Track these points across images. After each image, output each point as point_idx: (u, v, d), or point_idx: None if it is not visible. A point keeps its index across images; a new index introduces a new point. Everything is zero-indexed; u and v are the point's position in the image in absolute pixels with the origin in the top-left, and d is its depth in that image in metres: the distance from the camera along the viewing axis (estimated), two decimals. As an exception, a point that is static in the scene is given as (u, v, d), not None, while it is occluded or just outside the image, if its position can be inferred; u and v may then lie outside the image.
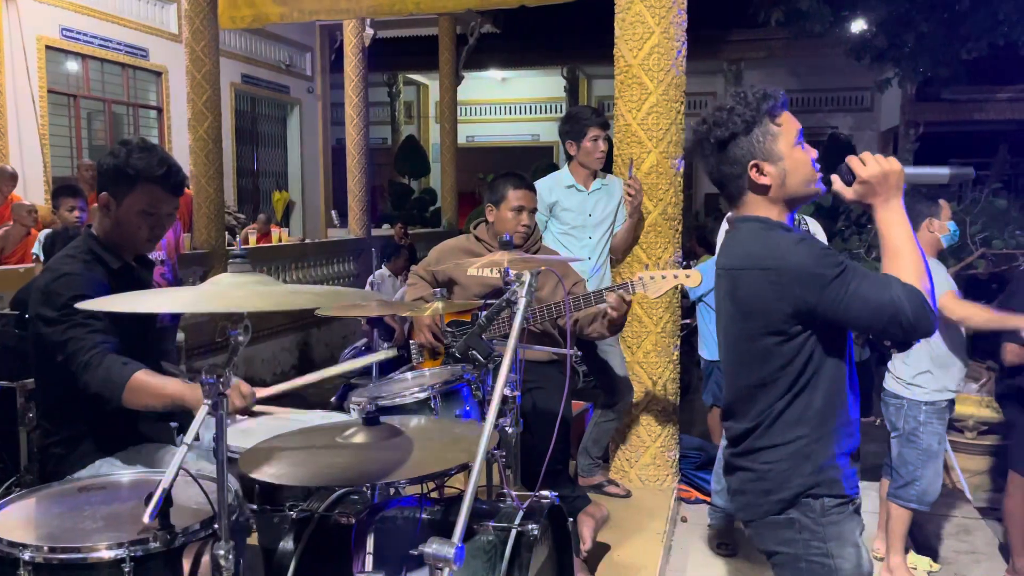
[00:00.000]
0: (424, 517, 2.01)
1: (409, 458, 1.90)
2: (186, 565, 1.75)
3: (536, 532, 1.90)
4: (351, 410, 2.60)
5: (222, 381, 1.62)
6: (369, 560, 1.96)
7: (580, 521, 3.22)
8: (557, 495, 2.09)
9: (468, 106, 19.08)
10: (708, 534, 3.91)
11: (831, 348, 1.79)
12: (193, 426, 1.73)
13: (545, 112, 19.76)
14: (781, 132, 1.82)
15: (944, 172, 1.84)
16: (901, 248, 1.74)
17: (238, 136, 12.93)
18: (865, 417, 1.84)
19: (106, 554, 1.67)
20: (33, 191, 8.56)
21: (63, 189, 5.39)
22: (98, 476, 2.19)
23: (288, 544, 1.99)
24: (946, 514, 4.36)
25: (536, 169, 10.75)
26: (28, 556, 1.66)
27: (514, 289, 1.98)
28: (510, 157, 15.36)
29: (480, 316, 2.42)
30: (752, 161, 1.81)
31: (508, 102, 20.18)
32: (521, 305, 1.89)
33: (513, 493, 2.05)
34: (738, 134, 1.81)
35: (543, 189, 3.97)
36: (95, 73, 10.19)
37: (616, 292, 3.02)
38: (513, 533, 1.89)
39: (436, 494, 2.22)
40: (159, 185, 2.36)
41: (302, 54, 14.58)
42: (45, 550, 1.68)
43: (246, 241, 10.09)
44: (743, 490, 1.92)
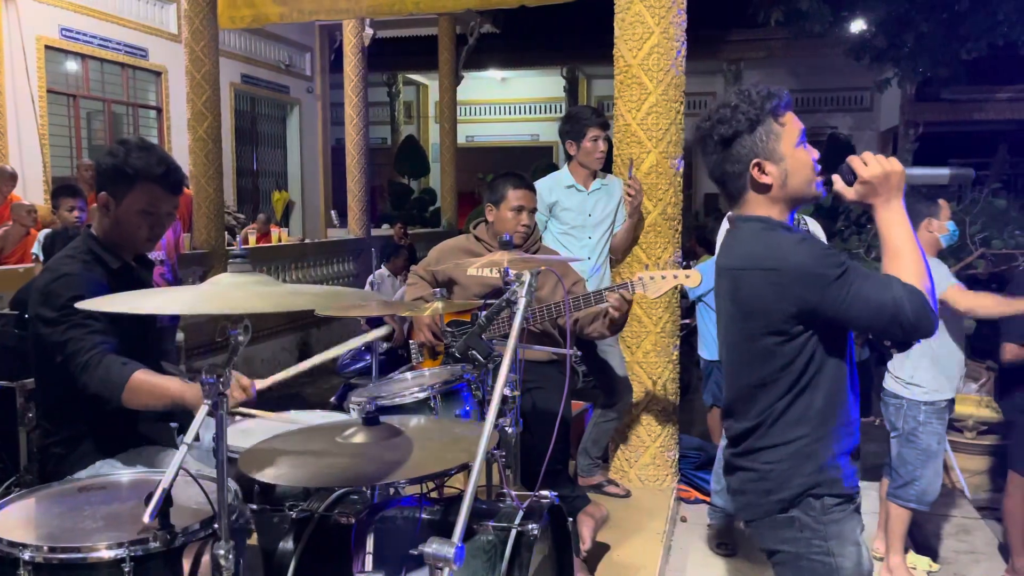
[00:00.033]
0: (424, 517, 2.01)
1: (409, 458, 1.90)
2: (186, 565, 1.75)
3: (536, 532, 1.91)
4: (351, 410, 2.60)
5: (222, 381, 1.62)
6: (369, 560, 1.96)
7: (580, 521, 3.22)
8: (557, 495, 2.10)
9: (468, 106, 19.08)
10: (708, 534, 3.91)
11: (832, 348, 1.79)
12: (193, 426, 1.73)
13: (545, 112, 19.77)
14: (784, 132, 1.81)
15: (944, 173, 1.84)
16: (902, 248, 1.74)
17: (238, 136, 12.93)
18: (865, 417, 1.84)
19: (106, 554, 1.67)
20: (32, 191, 8.56)
21: (62, 189, 5.39)
22: (98, 476, 2.19)
23: (288, 544, 1.99)
24: (945, 514, 4.36)
25: (536, 169, 10.74)
26: (28, 556, 1.66)
27: (514, 289, 1.98)
28: (510, 157, 15.35)
29: (480, 316, 2.42)
30: (754, 160, 1.81)
31: (508, 102, 20.18)
32: (521, 305, 1.89)
33: (513, 493, 2.05)
34: (742, 132, 1.81)
35: (543, 189, 3.97)
36: (95, 73, 10.19)
37: (616, 292, 3.03)
38: (513, 533, 1.89)
39: (436, 494, 2.22)
40: (158, 184, 2.35)
41: (302, 54, 14.58)
42: (45, 550, 1.68)
43: (246, 241, 10.08)
44: (744, 490, 1.92)
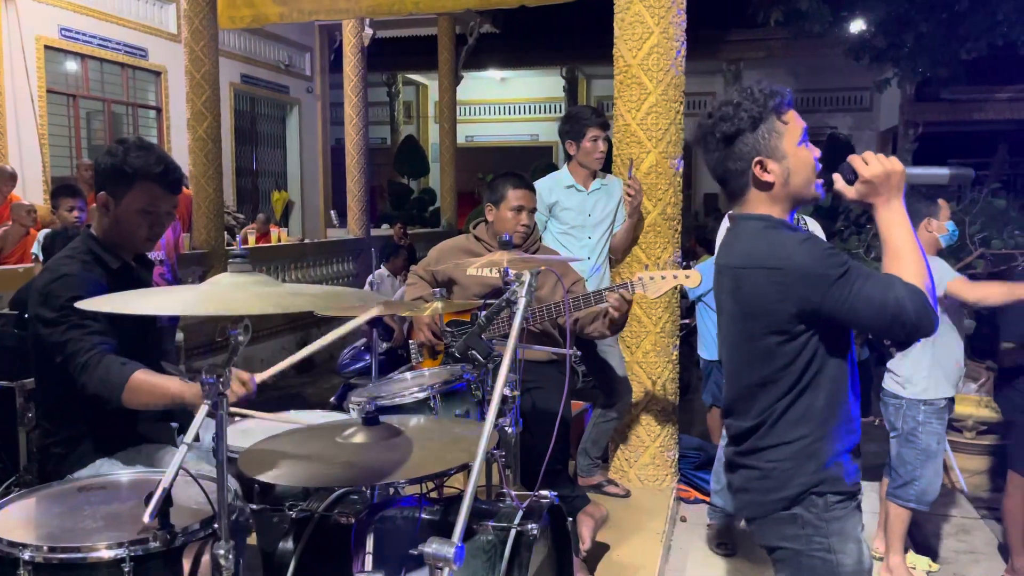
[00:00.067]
0: (424, 517, 2.01)
1: (409, 458, 1.90)
2: (186, 565, 1.75)
3: (535, 532, 1.91)
4: (351, 410, 2.60)
5: (222, 381, 1.62)
6: (369, 560, 1.96)
7: (579, 521, 3.22)
8: (556, 495, 2.10)
9: (467, 106, 19.08)
10: (707, 534, 3.91)
11: (833, 348, 1.79)
12: (193, 426, 1.74)
13: (544, 112, 19.77)
14: (787, 130, 1.81)
15: (944, 173, 1.84)
16: (902, 248, 1.74)
17: (237, 136, 12.92)
18: (864, 417, 1.85)
19: (106, 554, 1.67)
20: (32, 191, 8.55)
21: (62, 189, 5.38)
22: (98, 476, 2.19)
23: (288, 544, 1.99)
24: (945, 514, 4.36)
25: (535, 169, 10.75)
26: (28, 556, 1.66)
27: (514, 289, 1.98)
28: (509, 157, 15.36)
29: (480, 316, 2.42)
30: (757, 158, 1.81)
31: (507, 102, 20.18)
32: (521, 305, 1.89)
33: (512, 493, 2.05)
34: (744, 130, 1.80)
35: (543, 189, 3.98)
36: (94, 73, 10.18)
37: (616, 292, 3.03)
38: (512, 533, 1.89)
39: (435, 494, 2.22)
40: (157, 183, 2.35)
41: (301, 54, 14.58)
42: (45, 550, 1.68)
43: (245, 241, 10.08)
44: (747, 488, 1.91)
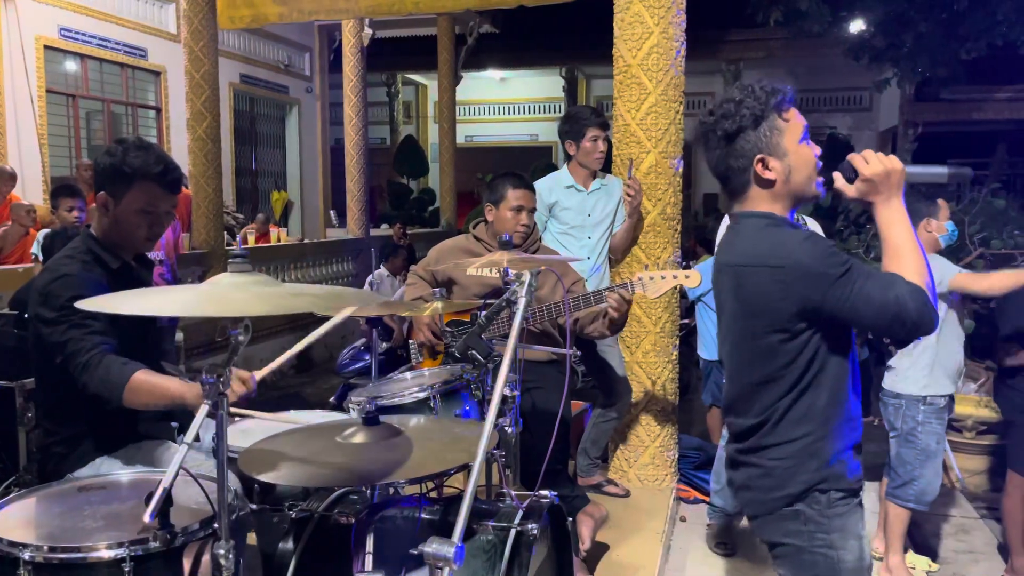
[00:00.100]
0: (424, 517, 2.02)
1: (409, 458, 1.90)
2: (186, 565, 1.75)
3: (535, 532, 1.91)
4: (350, 410, 2.60)
5: (222, 381, 1.62)
6: (369, 560, 1.96)
7: (579, 521, 3.22)
8: (556, 495, 2.10)
9: (467, 106, 19.06)
10: (707, 533, 3.91)
11: (835, 346, 1.79)
12: (193, 426, 1.73)
13: (544, 112, 19.76)
14: (788, 127, 1.82)
15: (943, 172, 1.85)
16: (902, 247, 1.74)
17: (237, 136, 12.92)
18: (864, 417, 1.85)
19: (106, 553, 1.67)
20: (32, 191, 8.55)
21: (62, 189, 5.38)
22: (98, 475, 2.20)
23: (288, 544, 1.99)
24: (945, 514, 4.36)
25: (535, 169, 10.74)
26: (28, 556, 1.66)
27: (514, 289, 1.98)
28: (509, 157, 15.36)
29: (480, 316, 2.42)
30: (758, 155, 1.81)
31: (507, 102, 20.17)
32: (521, 305, 1.89)
33: (512, 493, 2.05)
34: (746, 127, 1.80)
35: (543, 189, 3.98)
36: (94, 73, 10.18)
37: (616, 292, 3.03)
38: (512, 533, 1.89)
39: (435, 494, 2.22)
40: (156, 183, 2.36)
41: (301, 54, 14.57)
42: (45, 550, 1.68)
43: (245, 241, 10.08)
44: (749, 485, 1.91)
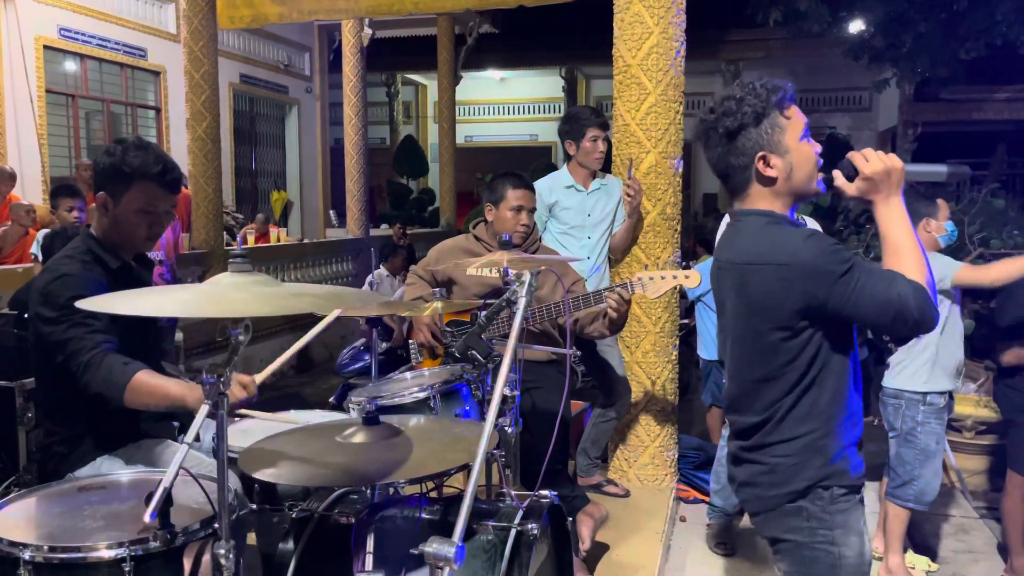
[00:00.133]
0: (424, 517, 2.02)
1: (409, 458, 1.90)
2: (186, 565, 1.75)
3: (535, 531, 1.91)
4: (350, 410, 2.60)
5: (222, 381, 1.62)
6: (369, 560, 1.96)
7: (579, 521, 3.22)
8: (556, 495, 2.10)
9: (466, 106, 19.06)
10: (707, 533, 3.92)
11: (837, 344, 1.80)
12: (193, 426, 1.73)
13: (543, 112, 19.75)
14: (789, 125, 1.82)
15: (942, 170, 1.86)
16: (902, 245, 1.75)
17: (236, 136, 12.91)
18: (864, 417, 1.84)
19: (106, 553, 1.67)
20: (31, 191, 8.55)
21: (61, 189, 5.38)
22: (98, 475, 2.19)
23: (288, 544, 1.99)
24: (944, 514, 4.36)
25: (535, 169, 10.74)
26: (28, 556, 1.67)
27: (514, 289, 1.98)
28: (508, 157, 15.35)
29: (480, 316, 2.42)
30: (760, 153, 1.81)
31: (506, 102, 20.16)
32: (521, 305, 1.89)
33: (512, 493, 2.05)
34: (747, 125, 1.80)
35: (542, 189, 3.98)
36: (93, 73, 10.17)
37: (616, 292, 3.03)
38: (513, 532, 1.89)
39: (435, 494, 2.22)
40: (156, 183, 2.36)
41: (300, 54, 14.56)
42: (45, 549, 1.68)
43: (245, 241, 10.07)
44: (753, 482, 1.91)
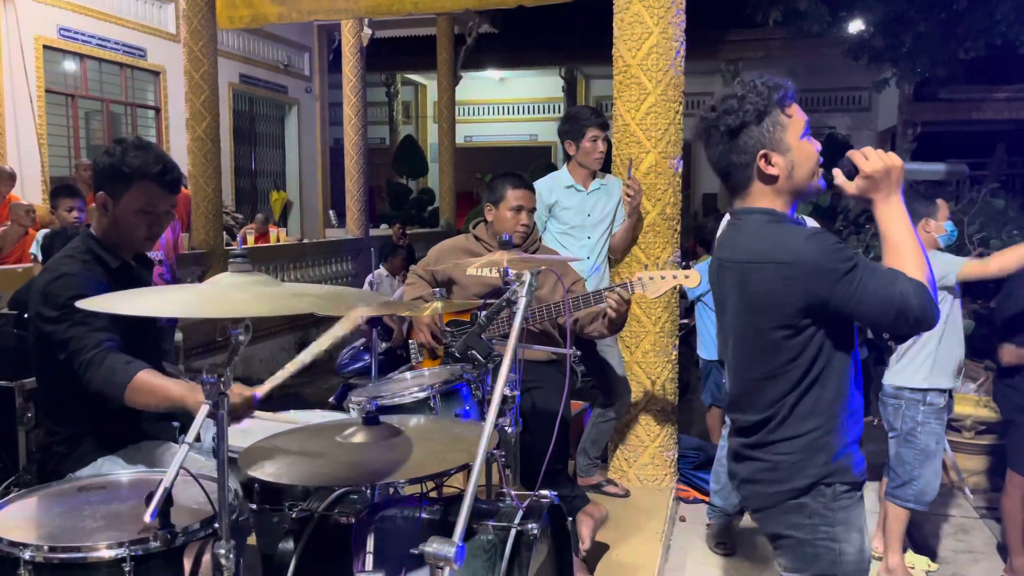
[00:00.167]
0: (424, 517, 2.02)
1: (409, 458, 1.90)
2: (187, 565, 1.75)
3: (535, 531, 1.91)
4: (351, 410, 2.60)
5: (223, 381, 1.62)
6: (369, 560, 1.96)
7: (579, 521, 3.22)
8: (556, 495, 2.10)
9: (466, 106, 19.07)
10: (707, 533, 3.92)
11: (839, 342, 1.80)
12: (194, 426, 1.73)
13: (543, 112, 19.76)
14: (791, 123, 1.82)
15: (940, 168, 1.87)
16: (902, 243, 1.75)
17: (236, 136, 12.91)
18: (864, 417, 1.85)
19: (106, 553, 1.67)
20: (31, 191, 8.55)
21: (61, 189, 5.38)
22: (99, 475, 2.19)
23: (288, 544, 1.99)
24: (944, 513, 4.36)
25: (534, 169, 10.74)
26: (28, 555, 1.66)
27: (514, 289, 1.98)
28: (508, 157, 15.35)
29: (480, 316, 2.42)
30: (761, 151, 1.81)
31: (506, 102, 20.17)
32: (521, 305, 1.89)
33: (512, 492, 2.05)
34: (749, 123, 1.80)
35: (542, 189, 3.98)
36: (93, 73, 10.17)
37: (616, 292, 3.03)
38: (513, 532, 1.89)
39: (435, 494, 2.22)
40: (155, 183, 2.36)
41: (300, 54, 14.56)
42: (45, 549, 1.68)
43: (244, 241, 10.07)
44: (755, 479, 1.91)
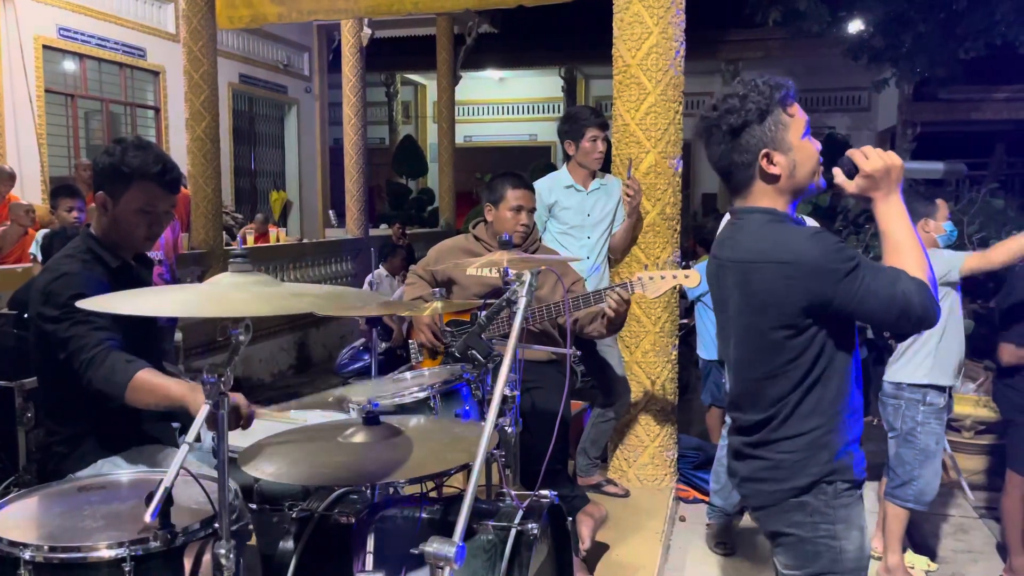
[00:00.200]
0: (424, 517, 2.02)
1: (409, 458, 1.91)
2: (187, 565, 1.75)
3: (535, 531, 1.91)
4: (351, 410, 2.60)
5: (223, 381, 1.62)
6: (369, 560, 1.96)
7: (579, 520, 3.23)
8: (556, 494, 2.10)
9: (466, 106, 19.07)
10: (706, 533, 3.92)
11: (840, 341, 1.80)
12: (194, 426, 1.73)
13: (543, 112, 19.76)
14: (792, 122, 1.82)
15: (938, 167, 1.88)
16: (902, 242, 1.75)
17: (236, 136, 12.91)
18: (864, 417, 1.85)
19: (106, 553, 1.67)
20: (30, 191, 8.54)
21: (61, 189, 5.38)
22: (99, 475, 2.19)
23: (288, 544, 1.99)
24: (944, 513, 4.37)
25: (534, 169, 10.74)
26: (28, 555, 1.66)
27: (514, 289, 1.98)
28: (508, 157, 15.35)
29: (480, 316, 2.42)
30: (763, 150, 1.81)
31: (506, 102, 20.16)
32: (521, 305, 1.89)
33: (512, 492, 2.05)
34: (751, 122, 1.80)
35: (542, 189, 3.98)
36: (92, 73, 10.17)
37: (615, 292, 3.03)
38: (513, 532, 1.90)
39: (435, 494, 2.22)
40: (155, 182, 2.36)
41: (300, 54, 14.56)
42: (45, 549, 1.68)
43: (244, 241, 10.07)
44: (756, 477, 1.91)
